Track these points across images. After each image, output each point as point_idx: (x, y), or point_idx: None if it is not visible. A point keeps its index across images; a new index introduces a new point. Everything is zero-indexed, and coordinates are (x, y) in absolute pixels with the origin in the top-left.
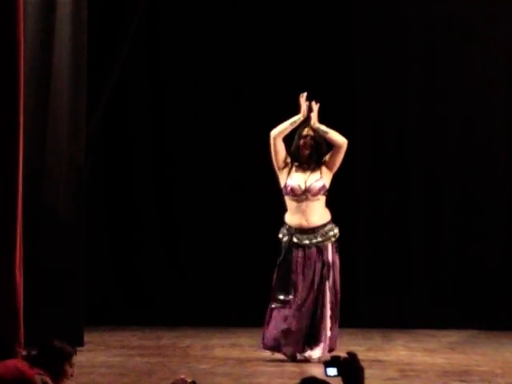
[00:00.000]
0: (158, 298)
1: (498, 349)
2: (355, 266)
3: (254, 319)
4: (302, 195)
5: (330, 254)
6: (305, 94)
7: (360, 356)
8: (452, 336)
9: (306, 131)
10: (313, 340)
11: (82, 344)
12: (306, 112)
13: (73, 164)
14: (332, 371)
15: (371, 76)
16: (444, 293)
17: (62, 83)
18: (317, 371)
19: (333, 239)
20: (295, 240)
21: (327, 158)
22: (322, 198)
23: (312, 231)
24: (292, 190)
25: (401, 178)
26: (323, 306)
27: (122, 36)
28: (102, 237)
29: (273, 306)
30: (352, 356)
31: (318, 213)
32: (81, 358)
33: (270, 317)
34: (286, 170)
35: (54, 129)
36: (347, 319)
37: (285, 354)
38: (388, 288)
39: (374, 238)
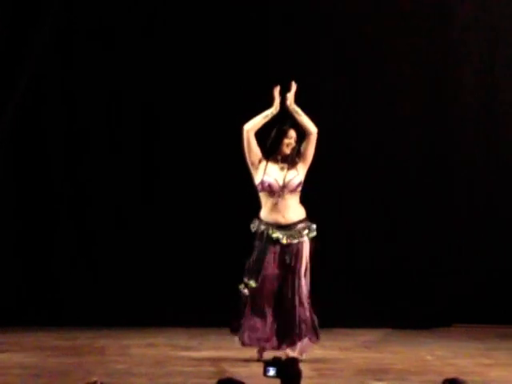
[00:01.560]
0: (73, 297)
1: (413, 347)
2: None
3: (171, 319)
4: (280, 191)
5: (304, 250)
6: (278, 88)
7: (277, 355)
8: (367, 335)
9: (291, 132)
10: (289, 339)
11: None
12: (279, 105)
13: None
14: (271, 371)
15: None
16: (359, 292)
17: None
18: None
19: (310, 235)
20: (273, 235)
21: (301, 150)
22: (298, 195)
23: (289, 227)
24: (270, 186)
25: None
26: (300, 303)
27: (33, 35)
28: (14, 235)
29: (245, 292)
30: (292, 359)
31: (294, 209)
32: None
33: (246, 314)
34: (261, 166)
35: None
36: None
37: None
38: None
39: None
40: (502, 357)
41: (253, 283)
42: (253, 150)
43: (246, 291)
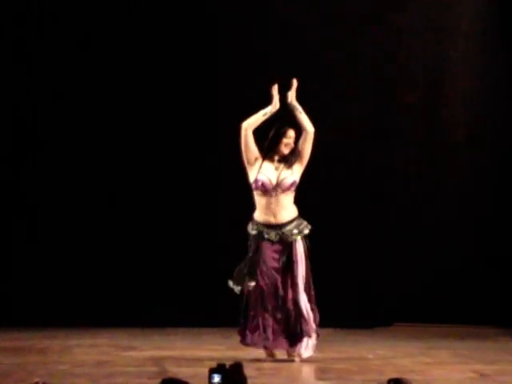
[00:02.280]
0: (15, 298)
1: (354, 347)
2: (214, 265)
3: (113, 319)
4: (272, 191)
5: (298, 249)
6: (276, 86)
7: (219, 355)
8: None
9: (290, 131)
10: (295, 338)
11: None
12: (278, 103)
13: None
14: (216, 378)
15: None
16: None
17: None
18: None
19: (304, 232)
20: (265, 235)
21: (297, 149)
22: (291, 194)
23: (280, 227)
24: (263, 184)
25: None
26: (300, 303)
27: None
28: None
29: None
30: (237, 366)
31: (286, 209)
32: None
33: (250, 318)
34: (256, 165)
35: None
36: (207, 318)
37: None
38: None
39: (236, 237)
40: (442, 355)
41: (251, 283)
42: (250, 147)
43: (251, 284)
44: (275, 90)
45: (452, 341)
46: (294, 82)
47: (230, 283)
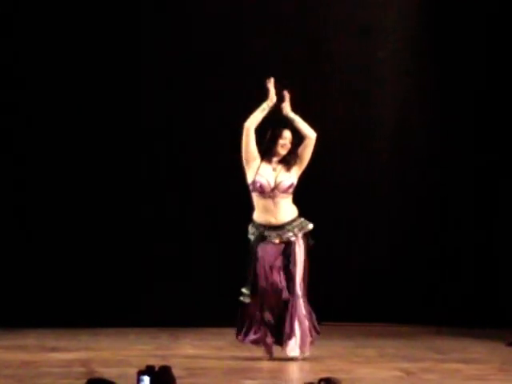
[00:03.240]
0: None
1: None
2: (144, 264)
3: (40, 320)
4: (270, 192)
5: (297, 249)
6: (272, 79)
7: (147, 355)
8: None
9: (286, 132)
10: (285, 336)
11: None
12: (274, 97)
13: None
14: (145, 380)
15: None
16: (229, 290)
17: None
18: None
19: (305, 230)
20: (266, 236)
21: (298, 152)
22: (290, 196)
23: (280, 228)
24: (261, 186)
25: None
26: (296, 303)
27: None
28: None
29: (243, 299)
30: (165, 368)
31: (286, 210)
32: None
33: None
34: (254, 166)
35: None
36: (133, 319)
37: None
38: (175, 286)
39: (162, 237)
40: (369, 354)
41: (247, 298)
42: (250, 147)
43: (245, 300)
44: (270, 83)
45: (379, 339)
46: (286, 94)
47: (247, 299)
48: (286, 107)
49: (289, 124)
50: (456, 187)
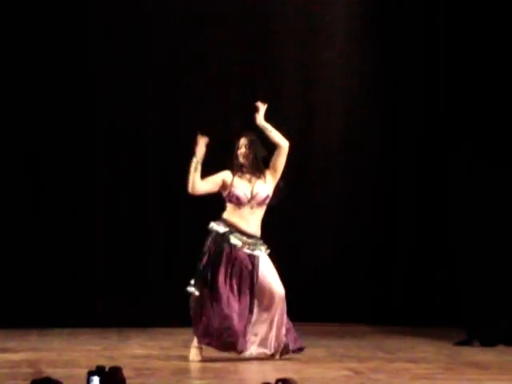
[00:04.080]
0: None
1: None
2: (91, 264)
3: None
4: (248, 203)
5: (262, 265)
6: (202, 138)
7: (95, 355)
8: (187, 334)
9: (241, 141)
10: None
11: None
12: (203, 149)
13: None
14: (94, 381)
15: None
16: (179, 291)
17: None
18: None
19: (267, 250)
20: (232, 238)
21: (271, 162)
22: (264, 208)
23: (249, 237)
24: (237, 198)
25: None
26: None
27: None
28: None
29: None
30: (115, 369)
31: (257, 222)
32: None
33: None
34: (228, 183)
35: None
36: (83, 318)
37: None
38: (124, 286)
39: (110, 237)
40: (318, 354)
41: (195, 291)
42: (214, 187)
43: (193, 292)
44: (200, 138)
45: (328, 339)
46: (261, 107)
47: (192, 289)
48: (259, 117)
49: (261, 133)
50: (401, 187)
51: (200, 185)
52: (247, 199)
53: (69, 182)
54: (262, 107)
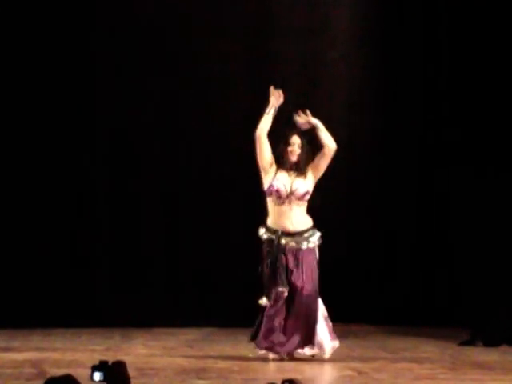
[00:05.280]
0: None
1: (235, 346)
2: (95, 265)
3: None
4: (286, 198)
5: (311, 257)
6: (271, 88)
7: (98, 355)
8: (190, 334)
9: (293, 138)
10: (307, 340)
11: None
12: (275, 101)
13: None
14: (98, 376)
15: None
16: (182, 291)
17: None
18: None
19: (317, 242)
20: (283, 242)
21: (314, 161)
22: (305, 204)
23: (297, 235)
24: (277, 191)
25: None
26: (314, 307)
27: None
28: None
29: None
30: (119, 364)
31: (301, 217)
32: None
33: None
34: (271, 171)
35: None
36: (86, 318)
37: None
38: (127, 286)
39: (115, 238)
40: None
41: (266, 301)
42: (264, 154)
43: (264, 302)
44: (271, 90)
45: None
46: (308, 113)
47: (264, 300)
48: (307, 118)
49: (298, 128)
50: (401, 187)
51: (265, 135)
52: (286, 193)
53: (71, 182)
54: (309, 114)
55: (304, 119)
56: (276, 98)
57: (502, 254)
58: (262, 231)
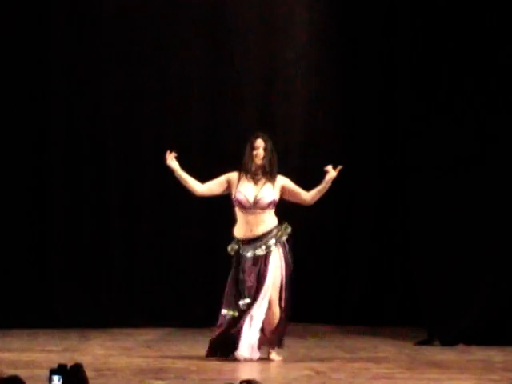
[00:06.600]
0: None
1: (193, 346)
2: (51, 265)
3: None
4: (250, 209)
5: (273, 258)
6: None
7: (55, 357)
8: (148, 334)
9: (257, 142)
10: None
11: None
12: (175, 165)
13: None
14: (56, 380)
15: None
16: (139, 291)
17: None
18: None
19: (281, 240)
20: (241, 252)
21: (287, 186)
22: (272, 210)
23: (255, 240)
24: (240, 202)
25: (101, 179)
26: (269, 309)
27: None
28: None
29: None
30: (77, 366)
31: (264, 223)
32: None
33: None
34: (233, 184)
35: None
36: (43, 319)
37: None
38: (84, 286)
39: (71, 236)
40: (280, 354)
41: (234, 312)
42: (221, 186)
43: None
44: (167, 156)
45: (290, 339)
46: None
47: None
48: (331, 176)
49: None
50: (360, 187)
51: (200, 187)
52: (249, 204)
53: (28, 179)
54: (335, 173)
55: (332, 176)
56: (171, 162)
57: (459, 253)
58: (229, 248)
